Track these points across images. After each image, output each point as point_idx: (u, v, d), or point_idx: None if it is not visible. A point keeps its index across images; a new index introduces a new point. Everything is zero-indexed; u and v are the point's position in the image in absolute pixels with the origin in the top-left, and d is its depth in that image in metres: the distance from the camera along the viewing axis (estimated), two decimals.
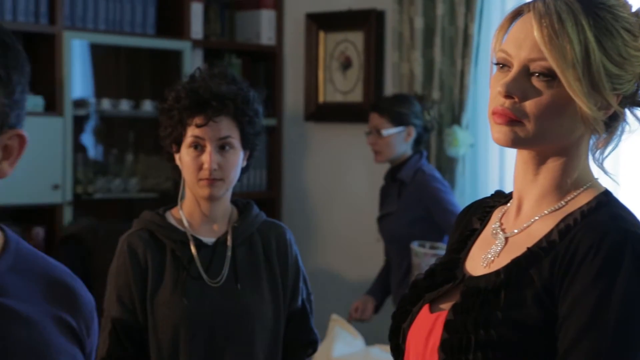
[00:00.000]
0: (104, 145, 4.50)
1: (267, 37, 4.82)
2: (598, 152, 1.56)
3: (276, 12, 4.83)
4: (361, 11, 4.51)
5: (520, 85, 1.49)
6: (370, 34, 4.49)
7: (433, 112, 3.88)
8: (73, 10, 4.21)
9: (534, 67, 1.48)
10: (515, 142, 1.51)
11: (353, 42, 4.57)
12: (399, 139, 3.74)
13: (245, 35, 4.85)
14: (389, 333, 1.65)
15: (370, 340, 3.87)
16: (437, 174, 3.84)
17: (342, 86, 4.64)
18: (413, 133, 3.73)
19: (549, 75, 1.47)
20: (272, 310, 2.40)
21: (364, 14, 4.50)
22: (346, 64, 4.62)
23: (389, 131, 3.70)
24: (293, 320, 2.45)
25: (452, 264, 1.62)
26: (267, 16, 4.80)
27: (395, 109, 3.72)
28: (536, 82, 1.49)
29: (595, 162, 1.56)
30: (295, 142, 4.85)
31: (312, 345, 2.51)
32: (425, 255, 3.64)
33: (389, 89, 4.41)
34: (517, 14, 1.55)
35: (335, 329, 3.81)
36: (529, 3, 1.53)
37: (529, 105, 1.48)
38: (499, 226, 1.60)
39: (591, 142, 1.56)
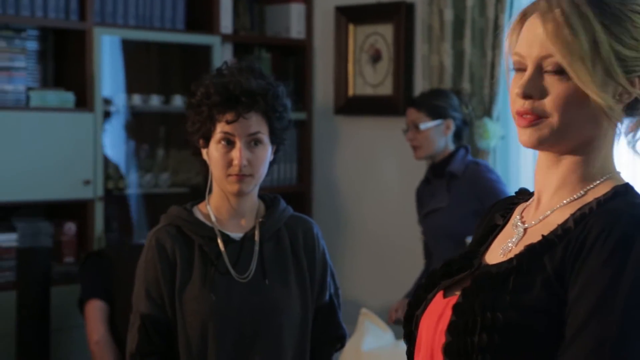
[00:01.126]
0: (134, 141, 4.51)
1: (296, 30, 4.81)
2: (630, 135, 1.55)
3: (305, 6, 4.83)
4: (391, 3, 4.49)
5: (536, 84, 1.49)
6: (399, 27, 4.47)
7: (471, 105, 3.85)
8: (103, 6, 4.22)
9: (546, 64, 1.49)
10: (541, 141, 1.51)
11: (383, 34, 4.56)
12: (438, 132, 3.70)
13: (275, 29, 4.85)
14: (403, 320, 1.66)
15: (399, 334, 3.85)
16: (490, 166, 3.81)
17: (372, 79, 4.62)
18: (452, 126, 3.71)
19: (561, 71, 1.48)
20: (300, 305, 2.39)
21: (394, 6, 4.48)
22: (376, 57, 4.60)
23: (427, 124, 3.68)
24: (321, 315, 2.45)
25: (471, 254, 1.64)
26: (296, 10, 4.80)
27: (433, 102, 3.70)
28: (550, 79, 1.49)
29: (627, 146, 1.55)
30: (325, 135, 4.84)
31: (340, 339, 2.50)
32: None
33: (419, 82, 4.39)
34: (523, 15, 1.55)
35: (365, 323, 3.80)
36: (533, 2, 1.53)
37: (548, 102, 1.49)
38: (520, 219, 1.61)
39: (617, 131, 1.54)
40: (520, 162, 4.09)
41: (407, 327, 1.65)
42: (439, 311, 1.57)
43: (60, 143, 4.00)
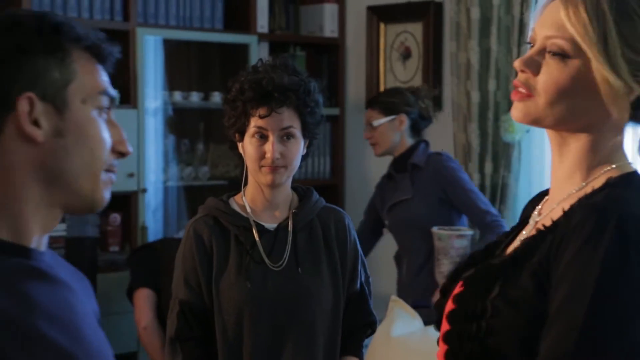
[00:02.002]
0: (176, 136, 4.52)
1: (329, 29, 4.79)
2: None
3: (338, 6, 4.81)
4: (420, 3, 4.47)
5: (535, 61, 1.47)
6: (428, 25, 4.44)
7: (428, 101, 3.80)
8: (146, 7, 4.23)
9: (550, 45, 1.47)
10: (528, 117, 1.49)
11: (412, 33, 4.53)
12: (392, 128, 3.71)
13: (309, 28, 4.83)
14: (435, 308, 1.65)
15: (428, 321, 3.83)
16: (451, 156, 3.80)
17: (402, 76, 4.59)
18: (406, 121, 3.70)
19: (562, 54, 1.45)
20: (332, 293, 2.38)
21: (423, 5, 4.46)
22: (406, 55, 4.58)
23: (380, 121, 3.69)
24: (352, 302, 2.44)
25: (496, 246, 1.63)
26: (329, 9, 4.78)
27: (384, 100, 3.71)
28: (549, 59, 1.47)
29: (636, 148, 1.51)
30: (357, 130, 4.80)
31: (371, 325, 2.49)
32: (450, 237, 3.59)
33: (447, 78, 4.36)
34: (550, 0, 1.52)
35: (395, 309, 3.77)
36: None
37: (540, 79, 1.47)
38: (537, 212, 1.59)
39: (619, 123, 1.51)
40: (545, 155, 4.04)
41: (438, 315, 1.64)
42: None
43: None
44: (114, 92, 1.32)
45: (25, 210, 1.26)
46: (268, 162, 2.32)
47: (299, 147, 2.36)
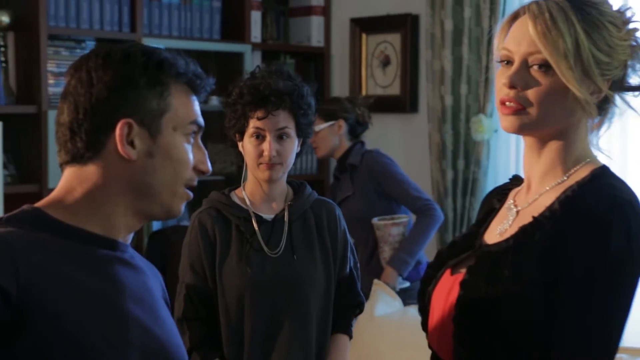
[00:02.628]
0: None
1: (316, 39, 4.78)
2: (594, 133, 1.55)
3: (324, 18, 4.79)
4: (398, 15, 4.46)
5: (522, 76, 1.47)
6: (406, 36, 4.43)
7: (364, 108, 3.83)
8: (151, 19, 4.20)
9: (532, 60, 1.47)
10: (521, 128, 1.50)
11: (391, 42, 4.52)
12: (331, 132, 3.73)
13: (298, 38, 4.81)
14: (417, 295, 1.65)
15: (411, 302, 3.83)
16: (382, 152, 3.81)
17: (382, 81, 4.58)
18: (344, 125, 3.73)
19: (546, 66, 1.46)
20: (324, 276, 2.38)
21: (401, 17, 4.45)
22: (385, 62, 4.56)
23: (320, 126, 3.69)
24: (342, 285, 2.43)
25: (472, 236, 1.62)
26: (316, 21, 4.76)
27: (324, 107, 3.70)
28: (535, 73, 1.47)
29: (591, 142, 1.55)
30: None
31: (359, 306, 2.49)
32: (385, 226, 3.61)
33: (423, 83, 4.35)
34: (514, 17, 1.53)
35: (377, 292, 3.77)
36: (523, 6, 1.52)
37: (531, 93, 1.47)
38: (513, 203, 1.59)
39: (589, 124, 1.54)
40: (510, 152, 4.03)
41: (421, 301, 1.64)
42: (448, 286, 1.56)
43: None
44: (202, 121, 1.41)
45: (116, 213, 1.35)
46: (265, 160, 2.31)
47: (294, 145, 2.35)
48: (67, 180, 1.36)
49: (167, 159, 1.35)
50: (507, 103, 1.49)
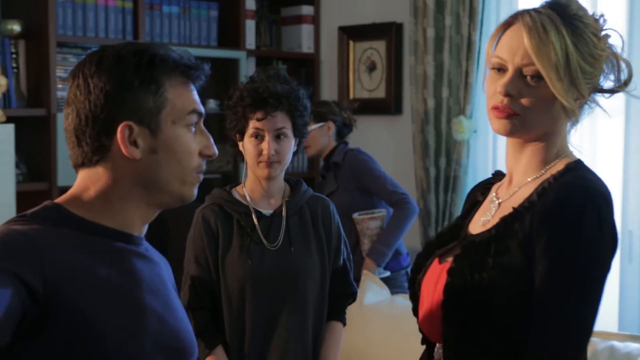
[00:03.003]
0: None
1: (307, 46, 4.77)
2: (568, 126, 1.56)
3: (314, 26, 4.79)
4: (383, 24, 4.46)
5: (516, 85, 1.48)
6: (391, 42, 4.43)
7: (349, 112, 3.87)
8: (152, 27, 4.18)
9: (527, 70, 1.48)
10: (513, 132, 1.51)
11: (377, 49, 4.52)
12: (322, 133, 3.77)
13: (289, 45, 4.81)
14: (408, 283, 1.66)
15: (394, 291, 3.84)
16: (363, 150, 3.83)
17: (368, 85, 4.59)
18: (332, 127, 3.77)
19: (538, 77, 1.47)
20: (319, 268, 2.38)
21: (386, 26, 4.44)
22: (372, 67, 4.57)
23: (312, 127, 3.71)
24: (336, 275, 2.43)
25: (458, 227, 1.63)
26: (306, 29, 4.76)
27: (315, 110, 3.68)
28: (529, 82, 1.48)
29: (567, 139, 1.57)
30: None
31: (352, 295, 2.49)
32: (364, 220, 3.65)
33: (407, 87, 4.35)
34: (505, 25, 1.53)
35: (366, 281, 3.77)
36: (516, 15, 1.52)
37: (525, 101, 1.48)
38: (495, 195, 1.60)
39: (568, 125, 1.56)
40: (489, 151, 4.04)
41: (411, 289, 1.65)
42: (436, 275, 1.57)
43: None
44: (202, 109, 1.37)
45: (129, 208, 1.33)
46: (264, 159, 2.31)
47: (291, 145, 2.35)
48: (81, 181, 1.34)
49: (170, 152, 1.32)
50: (501, 109, 1.50)
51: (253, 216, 2.35)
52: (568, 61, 1.46)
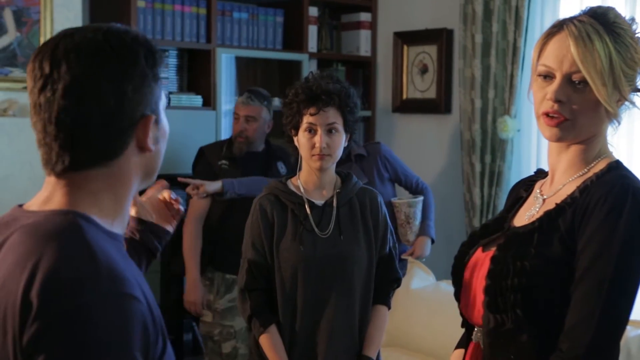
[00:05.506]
0: None
1: (364, 50, 4.70)
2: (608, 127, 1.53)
3: (371, 31, 4.72)
4: (435, 30, 4.36)
5: (565, 91, 1.44)
6: (442, 47, 4.34)
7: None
8: (223, 32, 4.18)
9: (575, 77, 1.44)
10: (563, 139, 1.47)
11: (429, 53, 4.43)
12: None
13: (348, 48, 4.75)
14: (452, 269, 1.63)
15: (439, 277, 3.76)
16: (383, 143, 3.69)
17: (421, 86, 4.50)
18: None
19: (584, 82, 1.43)
20: (366, 255, 2.33)
21: (438, 32, 4.35)
22: (424, 70, 4.48)
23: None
24: (382, 263, 2.38)
25: (502, 220, 1.60)
26: (364, 34, 4.69)
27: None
28: (578, 88, 1.44)
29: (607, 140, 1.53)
30: (385, 128, 4.74)
31: (397, 281, 2.43)
32: (402, 204, 3.49)
33: (456, 88, 4.26)
34: (551, 34, 1.49)
35: (414, 268, 3.72)
36: (561, 23, 1.47)
37: (575, 107, 1.44)
38: (539, 192, 1.57)
39: (610, 127, 1.52)
40: (532, 149, 3.93)
41: (455, 274, 1.62)
42: (480, 262, 1.55)
43: (192, 133, 3.96)
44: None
45: (129, 203, 1.17)
46: (317, 151, 2.27)
47: (342, 139, 2.30)
48: (88, 183, 1.13)
49: (164, 140, 1.19)
50: (551, 115, 1.46)
51: (306, 206, 2.32)
52: (612, 67, 1.42)
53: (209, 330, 3.45)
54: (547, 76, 1.47)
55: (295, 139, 2.34)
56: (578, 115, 1.45)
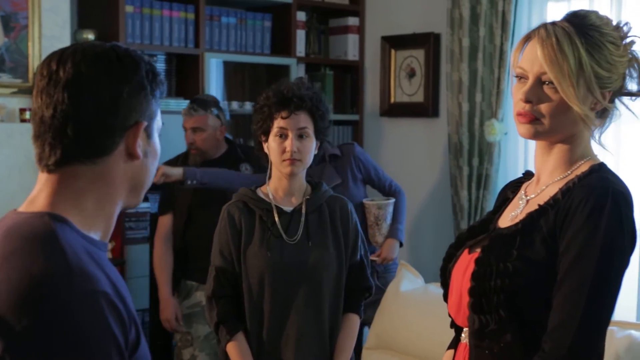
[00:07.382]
0: (233, 136, 4.37)
1: (352, 54, 4.61)
2: (597, 131, 1.52)
3: (359, 36, 4.64)
4: (423, 34, 4.28)
5: (535, 92, 1.45)
6: (429, 51, 4.24)
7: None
8: (211, 37, 4.10)
9: (544, 78, 1.44)
10: (536, 135, 1.48)
11: (416, 57, 4.33)
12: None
13: (336, 53, 4.66)
14: (440, 271, 1.62)
15: (428, 279, 3.66)
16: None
17: (408, 90, 4.40)
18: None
19: (554, 84, 1.43)
20: (336, 262, 2.25)
21: (425, 36, 4.26)
22: (411, 74, 4.38)
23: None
24: (353, 270, 2.30)
25: (488, 221, 1.60)
26: (352, 39, 4.61)
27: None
28: (547, 89, 1.44)
29: (595, 140, 1.52)
30: (373, 132, 4.65)
31: (368, 290, 2.34)
32: (372, 206, 3.39)
33: (443, 92, 4.18)
34: (527, 38, 1.50)
35: (403, 270, 3.62)
36: (535, 29, 1.49)
37: (543, 107, 1.45)
38: (524, 193, 1.57)
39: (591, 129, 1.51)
40: (518, 152, 3.84)
41: (443, 276, 1.62)
42: (465, 264, 1.54)
43: (180, 137, 3.85)
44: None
45: (113, 211, 1.17)
46: (288, 156, 2.19)
47: (312, 145, 2.23)
48: (71, 181, 1.12)
49: (154, 159, 1.20)
50: (522, 114, 1.47)
51: (274, 212, 2.23)
52: (582, 69, 1.41)
53: (174, 336, 3.46)
54: (522, 78, 1.48)
55: (265, 145, 2.26)
56: (547, 115, 1.45)
